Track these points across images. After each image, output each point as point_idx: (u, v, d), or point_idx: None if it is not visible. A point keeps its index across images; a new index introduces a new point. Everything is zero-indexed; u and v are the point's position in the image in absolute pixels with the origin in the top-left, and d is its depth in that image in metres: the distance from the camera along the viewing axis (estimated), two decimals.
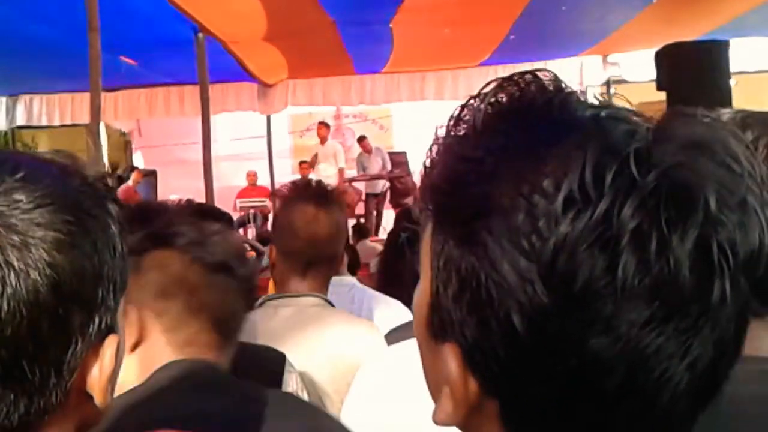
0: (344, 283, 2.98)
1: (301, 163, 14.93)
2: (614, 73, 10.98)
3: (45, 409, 0.77)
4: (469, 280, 0.59)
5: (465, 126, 0.64)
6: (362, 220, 13.30)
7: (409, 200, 13.85)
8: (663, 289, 0.54)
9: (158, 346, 1.38)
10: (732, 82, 6.38)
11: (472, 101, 0.64)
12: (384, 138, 16.03)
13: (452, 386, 0.62)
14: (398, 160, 14.54)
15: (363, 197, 14.19)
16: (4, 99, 11.66)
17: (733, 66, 6.39)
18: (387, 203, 14.21)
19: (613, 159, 0.55)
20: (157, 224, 1.42)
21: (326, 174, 13.41)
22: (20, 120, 11.84)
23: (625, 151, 0.55)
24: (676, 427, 0.60)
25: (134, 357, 1.38)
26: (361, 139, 14.34)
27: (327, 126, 14.08)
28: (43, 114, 11.77)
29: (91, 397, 0.81)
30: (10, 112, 11.74)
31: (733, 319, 0.57)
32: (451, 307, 0.60)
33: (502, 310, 0.57)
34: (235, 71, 9.79)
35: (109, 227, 0.80)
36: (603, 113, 0.60)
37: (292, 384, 1.84)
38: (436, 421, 0.65)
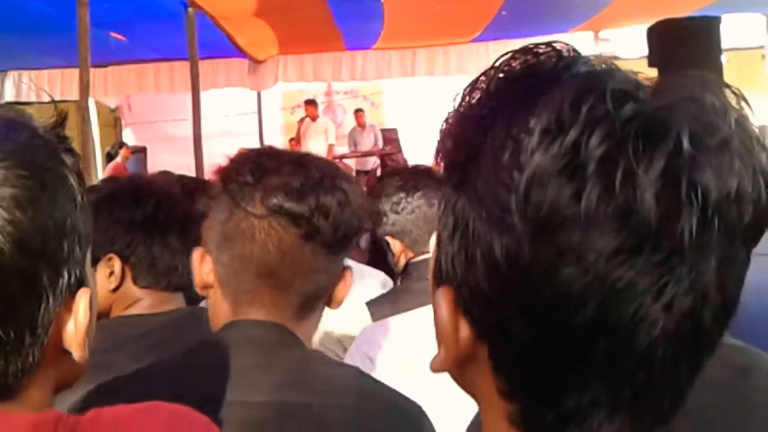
0: None
1: (291, 139, 14.91)
2: (606, 49, 10.97)
3: (23, 370, 0.77)
4: (461, 220, 0.62)
5: (479, 92, 0.65)
6: None
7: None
8: (629, 218, 0.54)
9: (218, 297, 1.37)
10: (724, 58, 6.38)
11: (489, 71, 0.65)
12: (375, 115, 16.00)
13: (443, 328, 0.65)
14: (389, 136, 14.54)
15: (353, 174, 14.20)
16: None
17: (725, 42, 6.38)
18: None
19: (591, 94, 0.56)
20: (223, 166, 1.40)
21: (316, 150, 13.39)
22: (9, 96, 11.77)
23: (607, 87, 0.56)
24: (662, 377, 0.60)
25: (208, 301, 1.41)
26: (358, 111, 14.34)
27: (314, 104, 14.03)
28: (32, 90, 11.70)
29: (68, 353, 0.81)
30: None
31: (713, 265, 0.56)
32: (447, 249, 0.64)
33: (485, 243, 0.59)
34: (226, 47, 9.75)
35: (66, 178, 0.79)
36: (600, 68, 0.61)
37: None
38: (431, 368, 0.67)
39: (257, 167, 1.35)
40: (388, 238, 2.25)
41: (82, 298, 0.80)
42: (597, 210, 0.54)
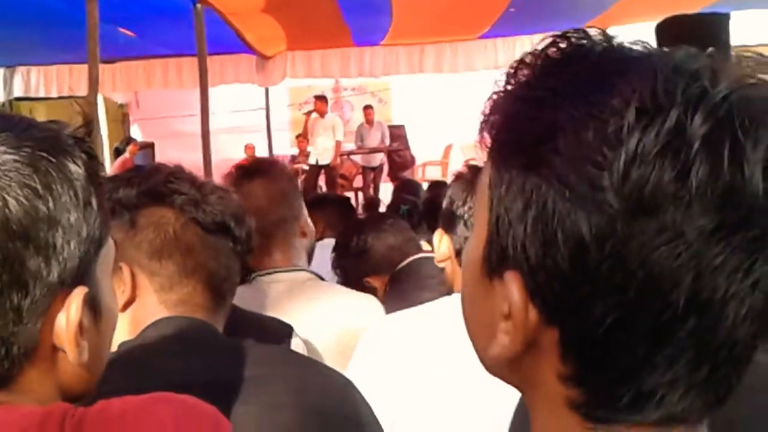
0: (328, 245, 3.01)
1: (298, 135, 14.91)
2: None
3: (12, 359, 0.77)
4: (534, 199, 0.61)
5: (522, 77, 0.66)
6: (360, 194, 13.31)
7: (407, 173, 13.86)
8: (734, 197, 0.56)
9: (150, 305, 1.38)
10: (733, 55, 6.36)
11: (532, 54, 0.67)
12: (383, 111, 16.01)
13: (514, 313, 0.63)
14: (397, 133, 14.55)
15: (360, 170, 14.19)
16: (1, 70, 11.60)
17: (734, 39, 6.36)
18: (385, 177, 14.21)
19: (682, 75, 0.58)
20: (155, 180, 1.41)
21: (324, 147, 13.39)
22: (17, 91, 11.79)
23: (694, 67, 0.58)
24: (740, 355, 0.61)
25: (126, 315, 1.38)
26: (367, 108, 14.33)
27: (324, 99, 14.03)
28: (41, 85, 11.71)
29: (64, 353, 0.81)
30: (8, 83, 11.68)
31: None
32: (514, 232, 0.63)
33: (569, 221, 0.59)
34: (234, 43, 9.74)
35: (71, 173, 0.79)
36: (658, 51, 0.63)
37: (299, 351, 1.84)
38: (491, 356, 0.66)
39: (193, 185, 1.43)
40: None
41: (76, 296, 0.80)
42: (704, 188, 0.55)
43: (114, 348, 1.29)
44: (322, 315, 2.15)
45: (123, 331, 1.36)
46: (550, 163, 0.60)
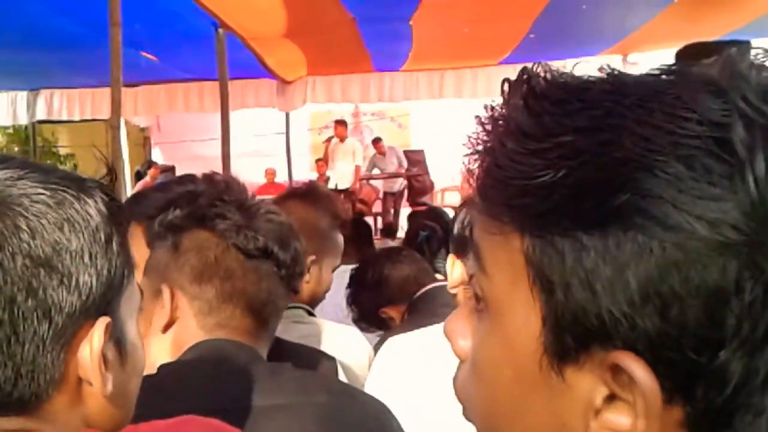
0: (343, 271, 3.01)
1: (318, 160, 14.94)
2: (634, 72, 10.90)
3: (38, 387, 0.78)
4: (632, 258, 0.51)
5: (507, 119, 0.57)
6: (380, 218, 13.30)
7: (426, 198, 13.85)
8: None
9: (191, 328, 1.39)
10: None
11: (494, 100, 0.58)
12: (402, 136, 16.04)
13: (649, 401, 0.52)
14: (416, 158, 14.54)
15: (381, 195, 14.18)
16: (25, 93, 11.72)
17: None
18: (404, 202, 14.20)
19: (739, 81, 0.51)
20: (199, 203, 1.43)
21: (343, 171, 13.42)
22: (41, 114, 11.90)
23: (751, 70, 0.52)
24: None
25: (168, 336, 1.40)
26: (377, 141, 14.34)
27: (344, 124, 14.07)
28: (64, 109, 11.81)
29: (90, 385, 0.82)
30: (31, 106, 11.79)
31: None
32: (607, 302, 0.52)
33: (695, 271, 0.50)
34: (255, 68, 9.80)
35: (93, 211, 0.81)
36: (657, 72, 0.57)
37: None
38: None
39: (239, 209, 1.44)
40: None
41: (99, 326, 0.81)
42: None
43: (154, 370, 1.31)
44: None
45: (165, 353, 1.38)
46: (641, 211, 0.50)
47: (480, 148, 0.59)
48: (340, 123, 14.04)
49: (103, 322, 0.82)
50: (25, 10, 6.52)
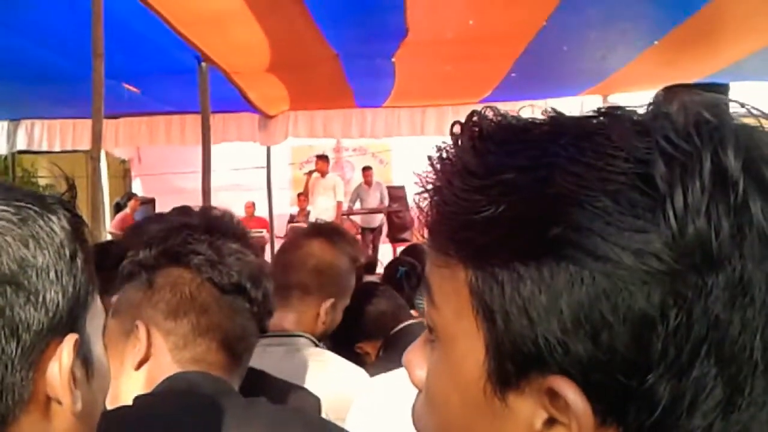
0: None
1: (299, 195, 14.95)
2: None
3: (6, 407, 0.76)
4: (564, 287, 0.54)
5: (455, 159, 0.61)
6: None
7: (407, 235, 13.86)
8: None
9: (165, 364, 1.39)
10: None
11: (444, 141, 0.63)
12: (383, 172, 16.07)
13: (582, 423, 0.55)
14: (397, 194, 14.57)
15: (359, 231, 14.19)
16: (5, 123, 11.67)
17: (733, 109, 6.42)
18: (384, 238, 14.20)
19: (661, 121, 0.55)
20: (172, 241, 1.43)
21: (324, 206, 13.41)
22: (21, 145, 11.84)
23: (690, 120, 0.55)
24: None
25: (141, 373, 1.40)
26: (366, 169, 14.37)
27: (326, 159, 14.10)
28: (44, 139, 11.76)
29: (58, 404, 0.81)
30: (11, 136, 11.74)
31: None
32: (542, 329, 0.55)
33: (622, 299, 0.52)
34: (237, 101, 9.82)
35: (56, 227, 0.80)
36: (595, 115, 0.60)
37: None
38: None
39: (211, 245, 1.44)
40: None
41: (67, 342, 0.80)
42: (764, 223, 0.52)
43: (129, 402, 1.30)
44: (316, 384, 2.13)
45: (138, 390, 1.37)
46: (572, 243, 0.53)
47: (429, 186, 0.62)
48: (322, 158, 14.07)
49: (71, 339, 0.81)
50: (5, 41, 6.51)
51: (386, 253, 13.00)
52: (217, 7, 6.02)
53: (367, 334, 2.83)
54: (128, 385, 1.39)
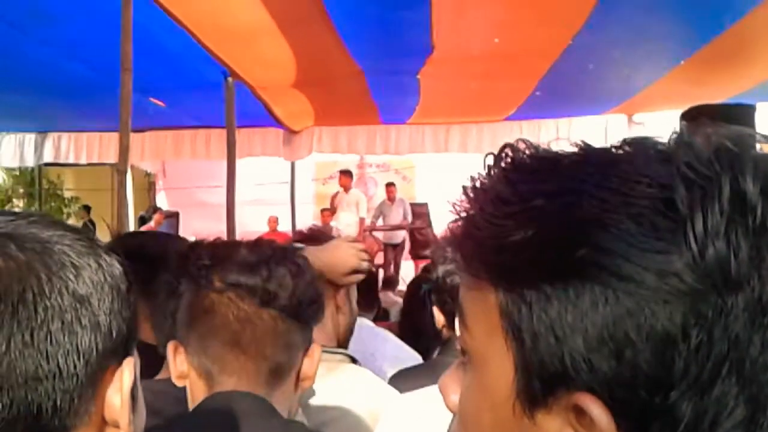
0: (362, 325, 2.99)
1: (323, 210, 14.97)
2: (639, 132, 10.87)
3: (68, 425, 0.78)
4: (589, 306, 0.56)
5: (487, 188, 0.64)
6: (381, 270, 13.28)
7: (429, 252, 13.84)
8: None
9: (193, 379, 1.41)
10: (757, 146, 6.36)
11: (476, 175, 0.66)
12: (407, 189, 16.08)
13: None
14: (419, 211, 14.56)
15: (381, 247, 14.18)
16: (33, 136, 11.76)
17: (760, 130, 6.38)
18: (406, 254, 14.19)
19: (683, 148, 0.57)
20: (194, 262, 1.44)
21: (347, 222, 13.43)
22: (47, 157, 11.92)
23: (711, 148, 0.57)
24: None
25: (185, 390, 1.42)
26: (389, 185, 14.38)
27: (349, 174, 14.13)
28: (71, 152, 11.84)
29: (116, 427, 0.83)
30: (38, 148, 11.82)
31: None
32: (567, 348, 0.57)
33: (644, 318, 0.54)
34: (262, 116, 9.87)
35: (112, 264, 0.84)
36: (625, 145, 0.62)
37: None
38: None
39: (213, 252, 1.44)
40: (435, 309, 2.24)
41: (127, 364, 0.84)
42: None
43: None
44: (350, 404, 2.11)
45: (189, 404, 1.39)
46: (597, 264, 0.55)
47: (463, 214, 0.65)
48: (345, 173, 14.10)
49: (130, 362, 0.84)
50: (37, 54, 6.59)
51: (408, 269, 12.99)
52: (244, 23, 6.06)
53: None
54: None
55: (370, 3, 5.72)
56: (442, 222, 14.90)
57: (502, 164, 0.65)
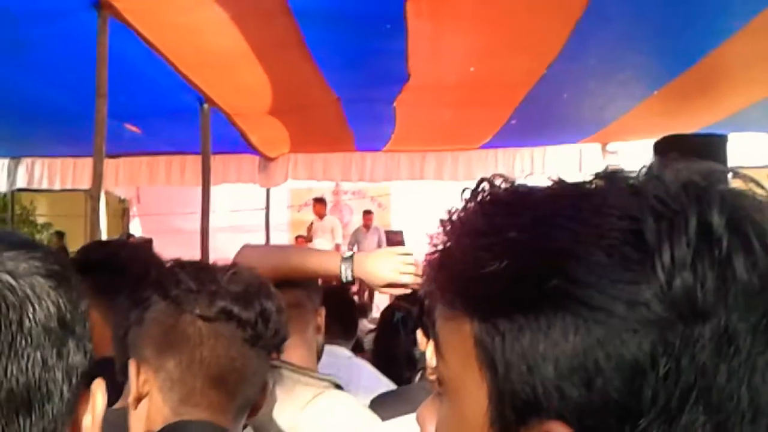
0: (339, 354, 2.97)
1: (297, 237, 14.94)
2: (613, 161, 11.02)
3: None
4: (560, 336, 0.57)
5: (463, 220, 0.65)
6: (356, 298, 13.25)
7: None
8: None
9: (157, 404, 1.36)
10: (729, 176, 6.42)
11: (454, 209, 0.66)
12: (382, 216, 16.08)
13: None
14: (395, 239, 14.56)
15: None
16: (6, 161, 11.67)
17: (732, 160, 6.44)
18: None
19: (653, 182, 0.59)
20: (155, 274, 1.42)
21: (322, 248, 13.41)
22: (21, 183, 11.83)
23: (680, 182, 0.59)
24: None
25: (141, 413, 1.37)
26: (367, 213, 14.40)
27: (323, 202, 14.14)
28: (44, 177, 11.76)
29: None
30: (11, 174, 11.73)
31: None
32: (539, 376, 0.58)
33: (613, 347, 0.55)
34: (238, 143, 9.85)
35: (78, 284, 0.83)
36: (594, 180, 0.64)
37: None
38: None
39: (196, 275, 1.38)
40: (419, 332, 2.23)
41: (99, 385, 0.83)
42: (747, 276, 0.55)
43: None
44: (332, 426, 2.09)
45: (140, 428, 1.35)
46: (568, 294, 0.57)
47: (440, 245, 0.66)
48: (319, 201, 14.12)
49: (101, 381, 0.83)
50: (11, 79, 6.56)
51: (382, 297, 12.97)
52: (220, 50, 6.06)
53: None
54: (132, 422, 1.37)
55: (347, 31, 5.74)
56: (417, 250, 14.93)
57: (479, 198, 0.66)
